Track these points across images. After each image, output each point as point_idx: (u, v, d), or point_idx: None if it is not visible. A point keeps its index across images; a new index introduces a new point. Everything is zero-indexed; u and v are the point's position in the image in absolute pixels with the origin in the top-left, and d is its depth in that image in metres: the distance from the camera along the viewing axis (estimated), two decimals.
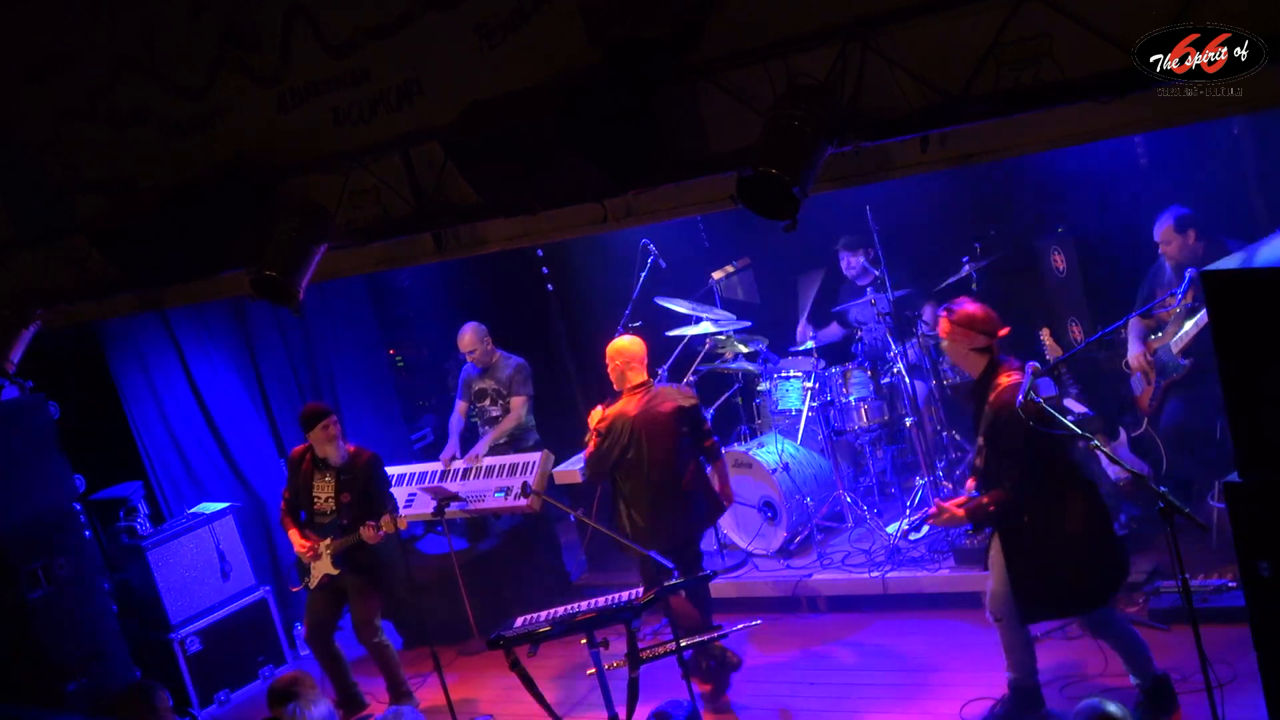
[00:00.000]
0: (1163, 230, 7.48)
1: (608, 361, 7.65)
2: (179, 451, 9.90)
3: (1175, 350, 7.43)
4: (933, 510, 6.30)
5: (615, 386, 7.63)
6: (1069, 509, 6.05)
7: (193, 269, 6.92)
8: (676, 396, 7.59)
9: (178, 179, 6.71)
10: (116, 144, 7.00)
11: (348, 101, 6.23)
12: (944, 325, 6.26)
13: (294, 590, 8.42)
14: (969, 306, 6.21)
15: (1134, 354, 7.71)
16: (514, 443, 9.38)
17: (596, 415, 7.61)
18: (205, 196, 6.62)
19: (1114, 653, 6.38)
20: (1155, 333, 7.65)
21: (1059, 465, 6.05)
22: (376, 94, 6.17)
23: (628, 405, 7.51)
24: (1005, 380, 6.02)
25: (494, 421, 9.52)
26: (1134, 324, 7.69)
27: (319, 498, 8.16)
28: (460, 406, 9.71)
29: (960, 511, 6.16)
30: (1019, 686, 6.49)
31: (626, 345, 7.62)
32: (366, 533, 7.85)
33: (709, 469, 7.76)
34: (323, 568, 8.08)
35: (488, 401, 9.57)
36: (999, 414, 5.99)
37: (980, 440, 6.18)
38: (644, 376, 7.58)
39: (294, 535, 8.20)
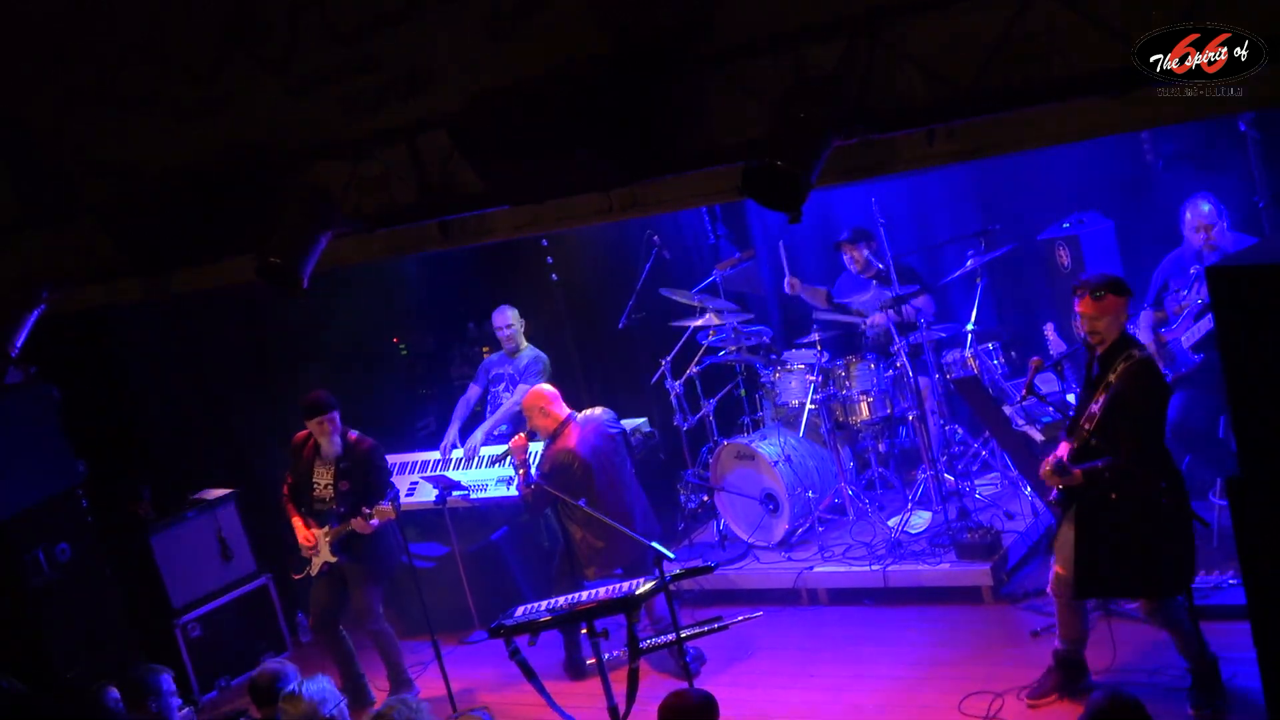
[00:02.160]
0: (1195, 217, 7.35)
1: (528, 417, 8.08)
2: (183, 436, 9.91)
3: (1187, 345, 7.41)
4: (1050, 461, 6.13)
5: (543, 436, 8.03)
6: (1156, 493, 6.04)
7: (199, 254, 6.93)
8: (606, 423, 8.04)
9: (185, 164, 6.71)
10: (124, 128, 6.99)
11: (355, 89, 6.22)
12: (1092, 301, 6.09)
13: (295, 579, 8.41)
14: (1111, 276, 6.12)
15: (1143, 343, 7.71)
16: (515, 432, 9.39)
17: (521, 445, 7.89)
18: (212, 182, 6.62)
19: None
20: (1165, 325, 7.63)
21: (1157, 447, 6.06)
22: (384, 82, 6.16)
23: (566, 440, 7.89)
24: (1138, 352, 6.06)
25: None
26: (1144, 314, 7.68)
27: (318, 484, 8.17)
28: (473, 390, 9.71)
29: (1078, 473, 6.04)
30: (1065, 658, 6.58)
31: (538, 391, 8.09)
32: (358, 523, 7.86)
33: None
34: (322, 556, 8.10)
35: (502, 387, 9.57)
36: (1134, 382, 5.97)
37: (1095, 408, 6.09)
38: (565, 410, 8.02)
39: (297, 523, 8.21)
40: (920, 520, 8.51)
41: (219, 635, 9.19)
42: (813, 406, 8.93)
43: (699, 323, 9.20)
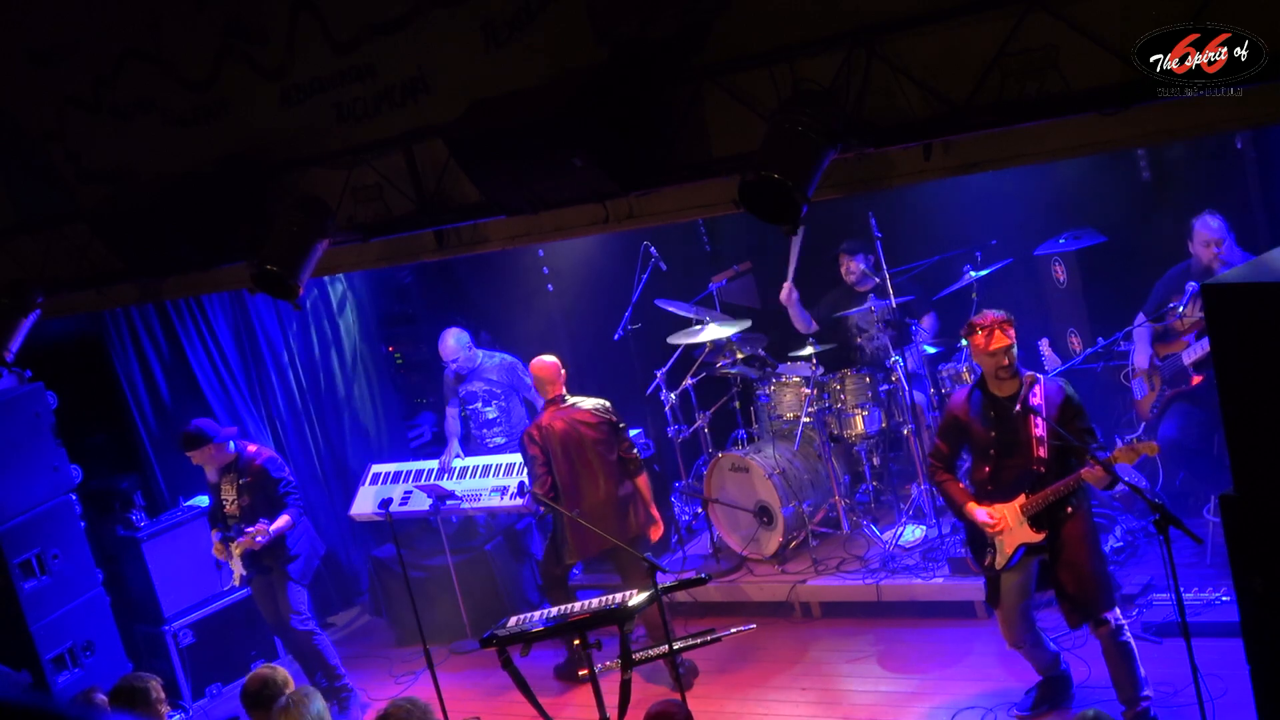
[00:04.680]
0: (1202, 234, 7.30)
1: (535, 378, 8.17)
2: (177, 442, 9.88)
3: (1187, 362, 7.40)
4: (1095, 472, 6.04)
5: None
6: (1087, 501, 6.25)
7: (194, 261, 6.93)
8: (588, 410, 7.97)
9: (181, 170, 6.71)
10: (120, 134, 7.00)
11: (352, 97, 6.23)
12: (1010, 332, 6.24)
13: (225, 589, 8.54)
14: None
15: (1141, 358, 7.69)
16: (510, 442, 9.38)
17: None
18: (208, 189, 6.63)
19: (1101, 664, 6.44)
20: (1163, 338, 7.62)
21: None
22: (381, 90, 6.17)
23: (539, 419, 8.01)
24: (1039, 376, 6.29)
25: (490, 423, 9.48)
26: (1142, 330, 7.67)
27: (226, 501, 8.27)
28: (450, 411, 9.67)
29: (1101, 471, 5.96)
30: (1050, 677, 6.66)
31: (541, 364, 8.07)
32: (244, 542, 7.99)
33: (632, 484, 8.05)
34: (238, 570, 8.19)
35: (479, 404, 9.52)
36: (1065, 389, 6.22)
37: (1040, 432, 6.16)
38: (555, 392, 8.01)
39: (215, 539, 8.37)
40: (914, 534, 8.50)
41: (211, 642, 9.16)
42: (807, 420, 8.91)
43: (694, 336, 9.18)
